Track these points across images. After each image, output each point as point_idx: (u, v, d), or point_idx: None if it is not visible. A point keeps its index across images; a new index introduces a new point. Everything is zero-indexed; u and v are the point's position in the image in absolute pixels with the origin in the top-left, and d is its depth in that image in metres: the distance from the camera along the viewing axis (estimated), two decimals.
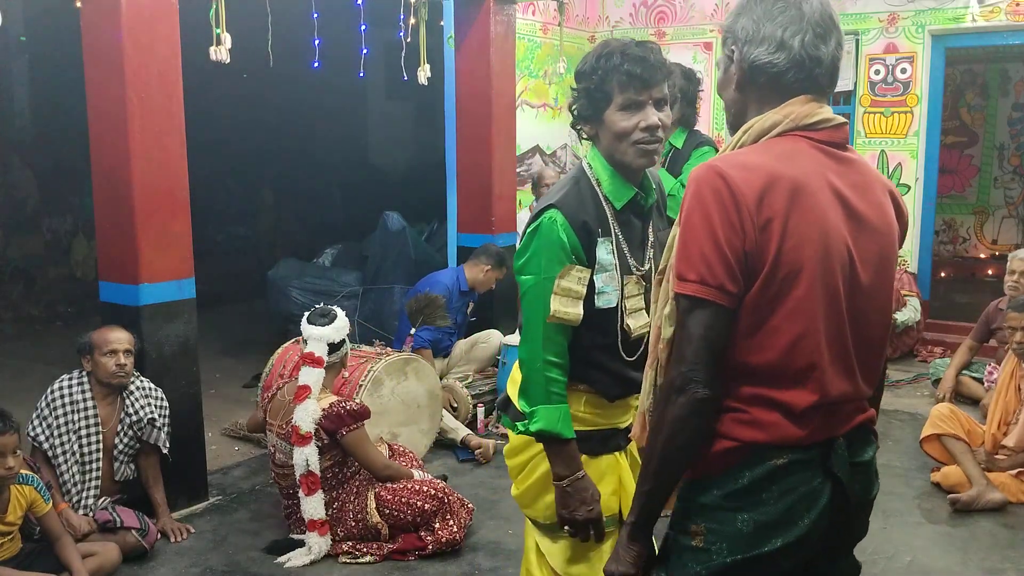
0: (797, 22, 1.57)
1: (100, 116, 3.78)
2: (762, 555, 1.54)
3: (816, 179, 1.55)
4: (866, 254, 1.59)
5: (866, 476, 1.67)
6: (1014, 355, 4.27)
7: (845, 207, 1.57)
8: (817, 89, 1.61)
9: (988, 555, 3.58)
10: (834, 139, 1.61)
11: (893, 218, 1.65)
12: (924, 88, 6.79)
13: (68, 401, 3.58)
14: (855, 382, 1.61)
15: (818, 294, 1.53)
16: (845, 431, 1.61)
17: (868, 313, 1.61)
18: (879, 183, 1.65)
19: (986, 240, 10.69)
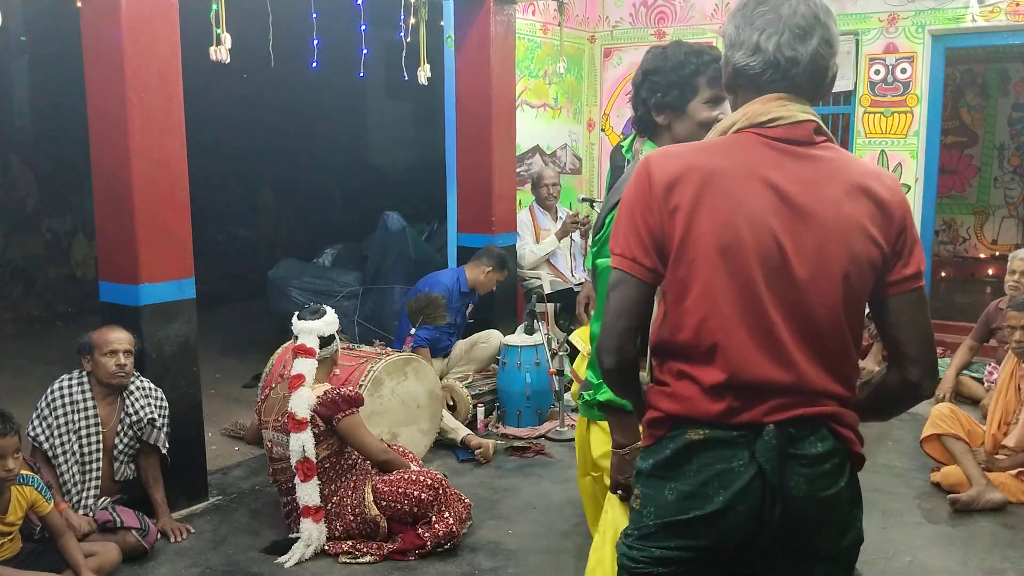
0: (774, 24, 1.65)
1: (100, 116, 3.78)
2: (679, 522, 1.65)
3: (742, 172, 1.63)
4: (804, 247, 1.62)
5: (811, 471, 1.64)
6: (1014, 355, 4.27)
7: (781, 200, 1.62)
8: (796, 88, 1.68)
9: (988, 555, 3.58)
10: (791, 136, 1.66)
11: (855, 213, 1.64)
12: (924, 88, 6.79)
13: (68, 401, 3.58)
14: (793, 372, 1.63)
15: (724, 280, 1.62)
16: (780, 419, 1.63)
17: (809, 306, 1.63)
18: (844, 180, 1.65)
19: (986, 240, 10.69)
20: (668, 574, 1.69)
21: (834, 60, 1.71)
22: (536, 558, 3.56)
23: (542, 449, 4.79)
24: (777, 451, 1.62)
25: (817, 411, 1.65)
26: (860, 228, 1.64)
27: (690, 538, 1.66)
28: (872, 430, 5.12)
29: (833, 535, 1.71)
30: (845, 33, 7.00)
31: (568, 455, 4.73)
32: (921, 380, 1.72)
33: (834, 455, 1.67)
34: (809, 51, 1.66)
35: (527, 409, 5.08)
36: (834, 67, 1.72)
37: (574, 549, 3.62)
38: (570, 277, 6.19)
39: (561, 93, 7.70)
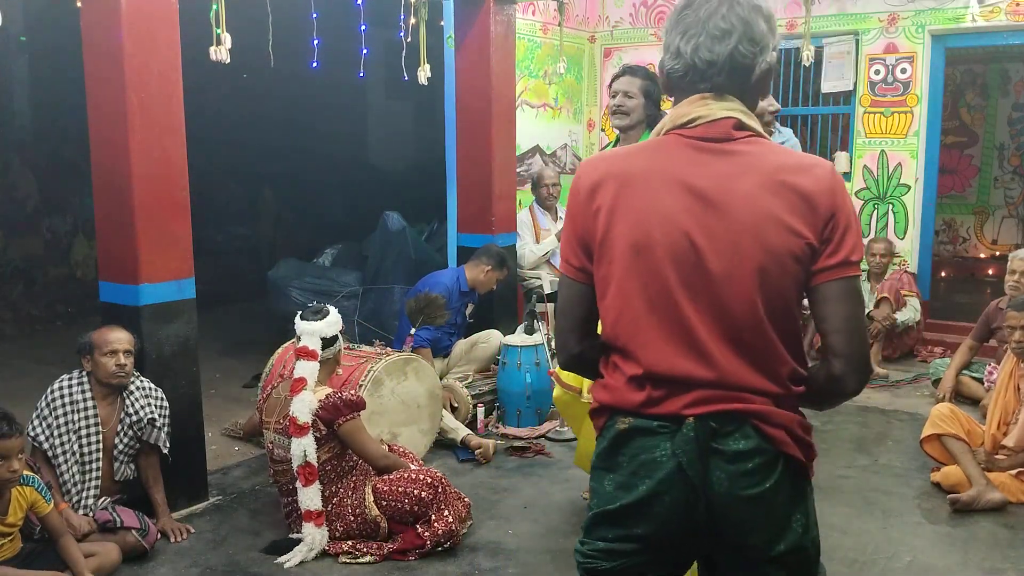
0: (695, 27, 1.69)
1: (100, 116, 3.78)
2: (611, 511, 1.70)
3: (659, 173, 1.68)
4: (718, 243, 1.63)
5: (732, 468, 1.63)
6: (1013, 355, 4.27)
7: (695, 197, 1.65)
8: (719, 87, 1.70)
9: (988, 555, 3.58)
10: (708, 134, 1.68)
11: (771, 206, 1.62)
12: (924, 88, 6.79)
13: (68, 401, 3.58)
14: (713, 368, 1.64)
15: (636, 278, 1.67)
16: (699, 413, 1.63)
17: (726, 301, 1.64)
18: (761, 173, 1.64)
19: (986, 240, 10.69)
20: (617, 568, 1.72)
21: (763, 57, 1.70)
22: (536, 558, 3.56)
23: (542, 449, 4.79)
24: (696, 444, 1.63)
25: (739, 407, 1.64)
26: (776, 220, 1.63)
27: (625, 528, 1.69)
28: (872, 430, 5.13)
29: (767, 537, 1.66)
30: (845, 33, 7.01)
31: (568, 455, 4.73)
32: (844, 375, 1.68)
33: (758, 454, 1.64)
34: (726, 51, 1.67)
35: (527, 409, 5.08)
36: (762, 64, 1.70)
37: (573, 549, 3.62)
38: None
39: (561, 93, 7.70)
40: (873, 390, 5.94)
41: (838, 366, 1.68)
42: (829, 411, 5.43)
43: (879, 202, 7.02)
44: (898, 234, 6.94)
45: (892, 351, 6.51)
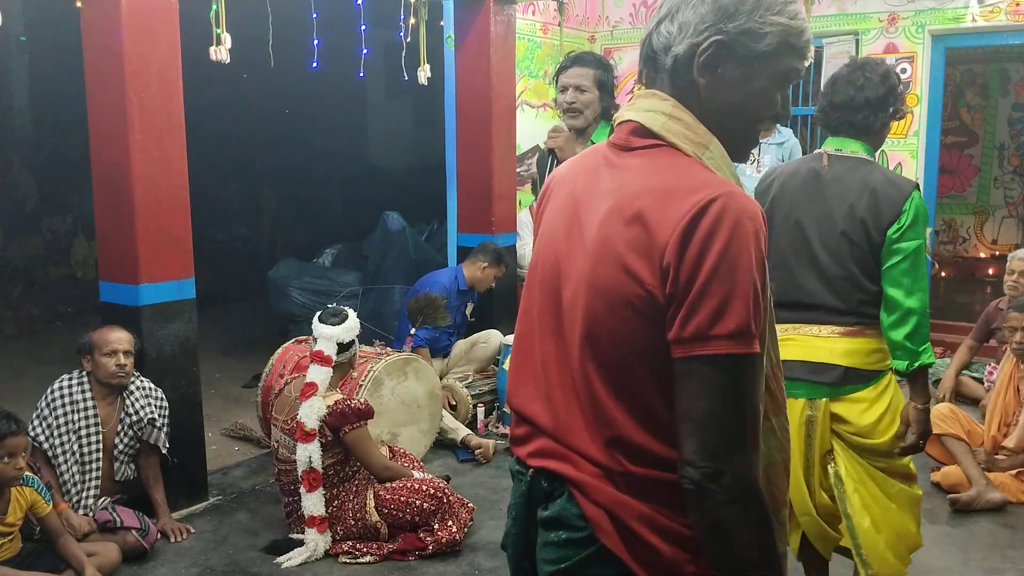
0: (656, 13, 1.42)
1: (100, 116, 3.78)
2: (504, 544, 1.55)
3: (565, 187, 1.47)
4: (572, 271, 1.37)
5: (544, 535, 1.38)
6: (1013, 356, 4.27)
7: (573, 215, 1.41)
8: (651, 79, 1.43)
9: (988, 555, 3.57)
10: (614, 140, 1.43)
11: (613, 234, 1.30)
12: (924, 88, 6.79)
13: (68, 401, 3.58)
14: (551, 414, 1.38)
15: (523, 303, 1.50)
16: (536, 465, 1.41)
17: (567, 339, 1.36)
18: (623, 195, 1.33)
19: (986, 240, 10.69)
20: None
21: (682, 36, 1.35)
22: None
23: None
24: (525, 499, 1.44)
25: (563, 470, 1.36)
26: (613, 255, 1.30)
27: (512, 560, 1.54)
28: None
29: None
30: (845, 33, 7.00)
31: None
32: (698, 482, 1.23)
33: (566, 527, 1.35)
34: (648, 30, 1.40)
35: None
36: (682, 44, 1.35)
37: None
38: None
39: None
40: None
41: (687, 471, 1.25)
42: None
43: None
44: None
45: None
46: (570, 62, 3.30)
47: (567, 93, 3.27)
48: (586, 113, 3.26)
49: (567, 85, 3.28)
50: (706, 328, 1.21)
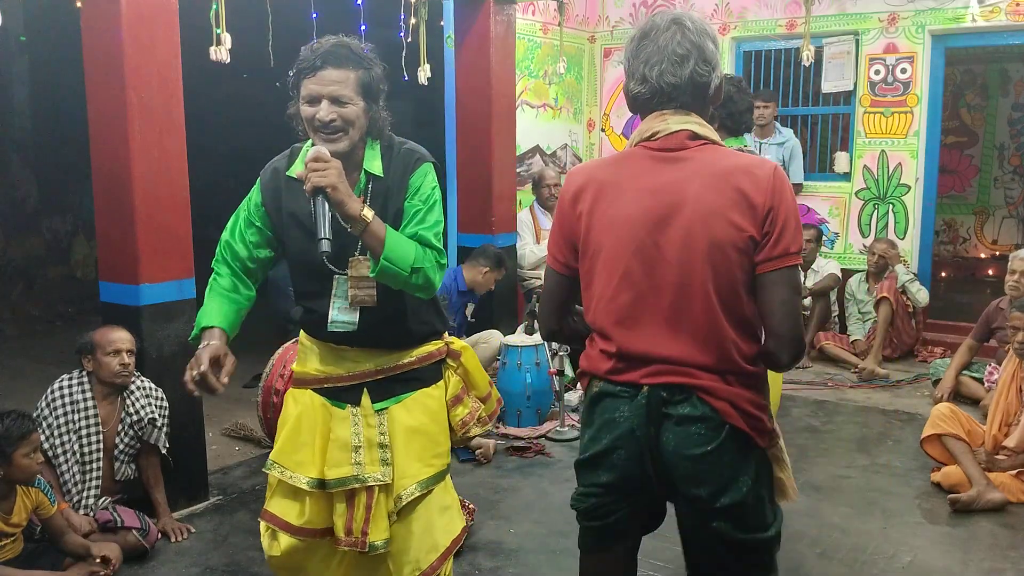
0: (656, 55, 1.94)
1: (100, 116, 3.78)
2: (584, 460, 2.05)
3: (628, 180, 1.96)
4: (673, 238, 1.89)
5: (679, 430, 1.91)
6: (1015, 356, 4.27)
7: (656, 200, 1.92)
8: (684, 105, 1.96)
9: (988, 555, 3.58)
10: (666, 145, 1.95)
11: (716, 200, 1.88)
12: (924, 88, 6.79)
13: (68, 401, 3.58)
14: (667, 347, 1.91)
15: (610, 270, 1.95)
16: (653, 383, 1.92)
17: (681, 288, 1.90)
18: (708, 175, 1.90)
19: (986, 240, 10.69)
20: (591, 508, 2.06)
21: (715, 72, 1.96)
22: (536, 558, 3.56)
23: (542, 449, 4.79)
24: (646, 409, 1.92)
25: (687, 381, 1.90)
26: (721, 216, 1.87)
27: (594, 475, 2.03)
28: (872, 430, 5.13)
29: (711, 491, 1.92)
30: (845, 33, 7.01)
31: (568, 454, 4.73)
32: (776, 351, 1.92)
33: (703, 420, 1.90)
34: (687, 74, 1.93)
35: (527, 409, 5.08)
36: (716, 78, 1.97)
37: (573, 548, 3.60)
38: None
39: (561, 93, 7.70)
40: (873, 390, 5.94)
41: (771, 343, 1.92)
42: (829, 411, 5.44)
43: (879, 202, 7.02)
44: (898, 234, 6.94)
45: (892, 351, 6.51)
46: (320, 60, 2.26)
47: (319, 106, 2.27)
48: (351, 133, 2.29)
49: (318, 95, 2.27)
50: (788, 247, 1.88)
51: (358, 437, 2.44)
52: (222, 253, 2.53)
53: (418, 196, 2.36)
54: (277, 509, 2.48)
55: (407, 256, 2.24)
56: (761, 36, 7.38)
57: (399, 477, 2.45)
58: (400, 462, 2.45)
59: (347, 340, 2.42)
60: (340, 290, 2.36)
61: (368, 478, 2.43)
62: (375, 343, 2.44)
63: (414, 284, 2.29)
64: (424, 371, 2.52)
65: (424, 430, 2.50)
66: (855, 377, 6.20)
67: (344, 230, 2.25)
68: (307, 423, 2.49)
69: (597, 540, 2.10)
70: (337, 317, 2.37)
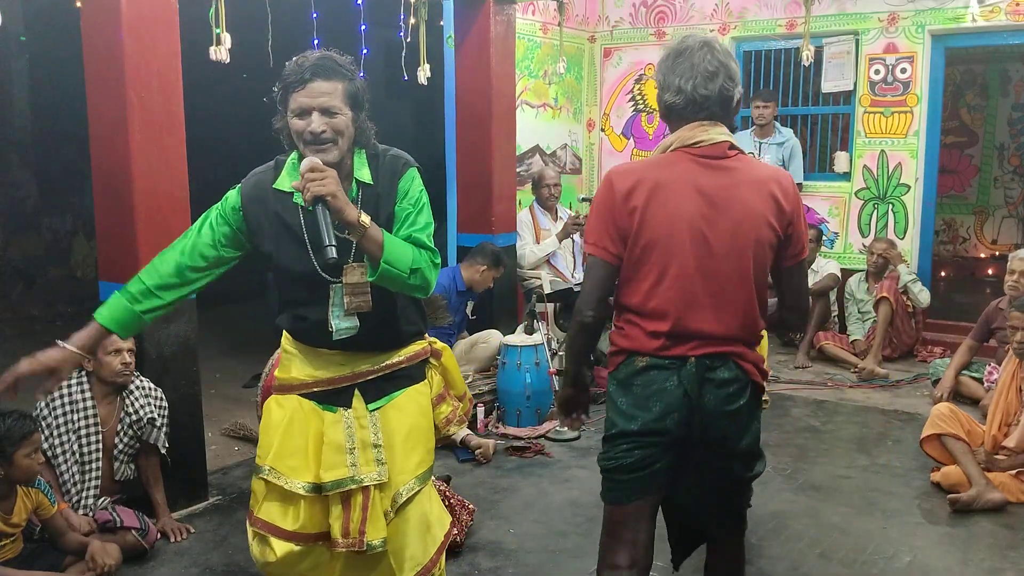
0: (689, 71, 2.27)
1: (100, 116, 3.78)
2: (629, 430, 2.30)
3: (680, 181, 2.26)
4: (722, 234, 2.25)
5: (719, 391, 2.28)
6: (1015, 355, 4.27)
7: (705, 200, 2.25)
8: (711, 116, 2.29)
9: (988, 555, 3.58)
10: (712, 153, 2.28)
11: (763, 206, 2.27)
12: (924, 88, 6.79)
13: (67, 401, 3.58)
14: (711, 323, 2.27)
15: (666, 260, 2.25)
16: (699, 354, 2.26)
17: (725, 276, 2.27)
18: (755, 183, 2.28)
19: (986, 240, 10.69)
20: (636, 463, 2.31)
21: (737, 89, 2.32)
22: (536, 558, 3.56)
23: (542, 449, 4.79)
24: (696, 375, 2.26)
25: (726, 350, 2.29)
26: (763, 219, 2.27)
27: (641, 436, 2.29)
28: (872, 430, 5.13)
29: (737, 438, 2.34)
30: (845, 33, 7.01)
31: (568, 455, 4.73)
32: (791, 318, 2.53)
33: (736, 381, 2.30)
34: (717, 88, 2.27)
35: (527, 409, 5.08)
36: (738, 94, 2.33)
37: (573, 548, 3.63)
38: (569, 277, 6.19)
39: (561, 93, 7.70)
40: (873, 390, 5.94)
41: (787, 313, 2.50)
42: (829, 412, 5.44)
43: (879, 202, 7.02)
44: (898, 234, 6.94)
45: (892, 351, 6.51)
46: (308, 73, 2.30)
47: (310, 119, 2.30)
48: (340, 143, 2.33)
49: (308, 107, 2.30)
50: (803, 245, 2.38)
51: (351, 439, 2.46)
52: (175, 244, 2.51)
53: (407, 199, 2.43)
54: (268, 515, 2.49)
55: (405, 258, 2.30)
56: (761, 36, 7.38)
57: (397, 474, 2.49)
58: (396, 460, 2.49)
59: (342, 345, 2.45)
60: (337, 298, 2.40)
61: (364, 478, 2.45)
62: (369, 347, 2.48)
63: (412, 284, 2.34)
64: (413, 369, 2.58)
65: (418, 426, 2.56)
66: (855, 377, 6.20)
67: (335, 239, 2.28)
68: (298, 428, 2.49)
69: (638, 489, 2.34)
70: (340, 325, 2.40)
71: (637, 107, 8.00)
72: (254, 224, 2.46)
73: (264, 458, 2.51)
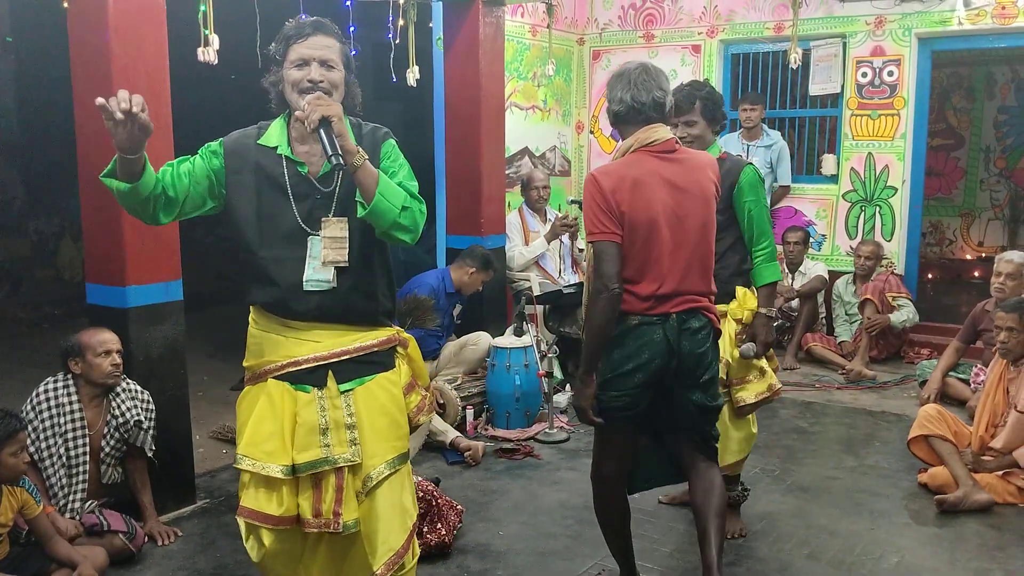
0: (625, 84, 2.85)
1: (87, 117, 3.76)
2: (622, 372, 2.84)
3: (650, 176, 2.81)
4: (688, 211, 2.85)
5: (694, 337, 2.88)
6: (1000, 356, 4.30)
7: (672, 187, 2.82)
8: (653, 119, 2.85)
9: (975, 556, 3.59)
10: (665, 148, 2.86)
11: (709, 186, 2.91)
12: (911, 91, 6.83)
13: (54, 404, 3.56)
14: (685, 284, 2.85)
15: (650, 238, 2.79)
16: (678, 311, 2.85)
17: (694, 245, 2.86)
18: (700, 168, 2.91)
19: (972, 242, 10.75)
20: (624, 403, 2.86)
21: (668, 97, 2.87)
22: (525, 559, 3.56)
23: (531, 451, 4.79)
24: (676, 327, 2.85)
25: (697, 305, 2.90)
26: (712, 196, 2.92)
27: (631, 379, 2.84)
28: (860, 432, 5.15)
29: (701, 372, 2.92)
30: (832, 36, 7.04)
31: (557, 456, 4.73)
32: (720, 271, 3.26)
33: (704, 328, 2.92)
34: (650, 96, 2.83)
35: (516, 411, 5.08)
36: (669, 102, 2.88)
37: (562, 550, 3.63)
38: (559, 279, 6.19)
39: (550, 95, 7.71)
40: (861, 392, 5.96)
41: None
42: (817, 413, 5.46)
43: (866, 204, 7.06)
44: (885, 236, 6.97)
45: (879, 352, 6.54)
46: (309, 28, 2.44)
47: (309, 69, 2.41)
48: (334, 97, 2.43)
49: (309, 58, 2.42)
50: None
51: (324, 419, 2.47)
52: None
53: (390, 159, 2.53)
54: (254, 503, 2.49)
55: (398, 195, 2.36)
56: (749, 39, 7.41)
57: (368, 457, 2.50)
58: (368, 443, 2.50)
59: (318, 313, 2.46)
60: (315, 250, 2.45)
61: (338, 459, 2.46)
62: (343, 315, 2.49)
63: (402, 224, 2.36)
64: (383, 355, 2.59)
65: (388, 411, 2.57)
66: (842, 378, 6.22)
67: (314, 192, 2.46)
68: (270, 412, 2.49)
69: (627, 423, 2.92)
70: (312, 276, 2.44)
71: None
72: (232, 169, 2.53)
73: (240, 447, 2.52)
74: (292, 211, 2.46)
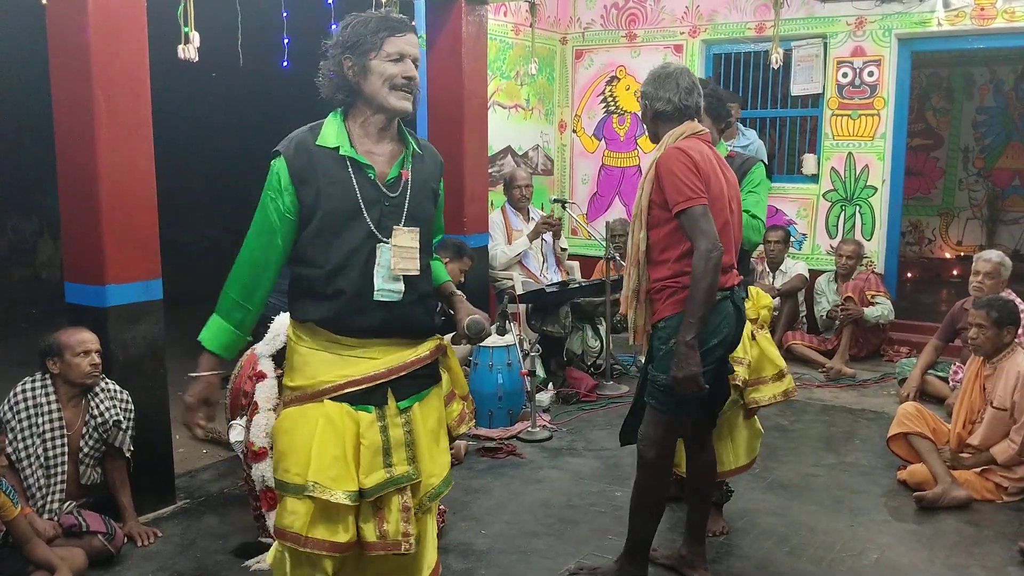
0: (674, 87, 3.09)
1: (66, 114, 3.72)
2: (706, 348, 2.95)
3: (710, 156, 3.07)
4: (731, 194, 3.11)
5: (741, 305, 3.16)
6: (973, 352, 4.33)
7: (722, 170, 3.10)
8: (692, 116, 3.12)
9: (953, 552, 3.63)
10: (707, 139, 3.14)
11: (733, 177, 3.19)
12: (891, 91, 6.88)
13: (32, 404, 3.53)
14: (733, 258, 3.12)
15: (719, 214, 2.99)
16: (735, 284, 3.10)
17: (736, 224, 3.15)
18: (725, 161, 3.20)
19: (951, 241, 10.85)
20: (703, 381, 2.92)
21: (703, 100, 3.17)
22: (507, 558, 3.56)
23: (513, 450, 4.79)
24: (738, 298, 3.11)
25: (740, 279, 3.18)
26: (736, 185, 3.21)
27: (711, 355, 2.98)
28: (839, 429, 5.19)
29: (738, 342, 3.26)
30: (813, 36, 7.08)
31: (539, 455, 4.74)
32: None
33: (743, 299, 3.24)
34: (694, 100, 3.11)
35: (499, 410, 5.08)
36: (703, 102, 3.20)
37: (545, 549, 3.63)
38: (541, 278, 6.20)
39: (533, 94, 7.71)
40: (840, 389, 6.00)
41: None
42: (797, 411, 5.49)
43: (846, 204, 7.11)
44: (865, 235, 7.02)
45: (859, 350, 6.58)
46: (404, 25, 2.38)
47: (405, 65, 2.38)
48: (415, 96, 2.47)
49: (406, 54, 2.37)
50: None
51: (386, 439, 2.37)
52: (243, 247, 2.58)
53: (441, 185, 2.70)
54: (323, 534, 2.33)
55: None
56: (730, 39, 7.44)
57: (426, 476, 2.43)
58: (425, 461, 2.43)
59: (380, 328, 2.37)
60: (384, 258, 2.36)
61: (401, 479, 2.37)
62: (403, 329, 2.41)
63: None
64: (433, 366, 2.52)
65: (438, 428, 2.50)
66: (822, 376, 6.26)
67: (382, 198, 2.37)
68: (332, 435, 2.34)
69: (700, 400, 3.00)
70: (383, 286, 2.35)
71: (608, 109, 8.03)
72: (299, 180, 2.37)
73: (303, 475, 2.33)
74: (363, 217, 2.34)
